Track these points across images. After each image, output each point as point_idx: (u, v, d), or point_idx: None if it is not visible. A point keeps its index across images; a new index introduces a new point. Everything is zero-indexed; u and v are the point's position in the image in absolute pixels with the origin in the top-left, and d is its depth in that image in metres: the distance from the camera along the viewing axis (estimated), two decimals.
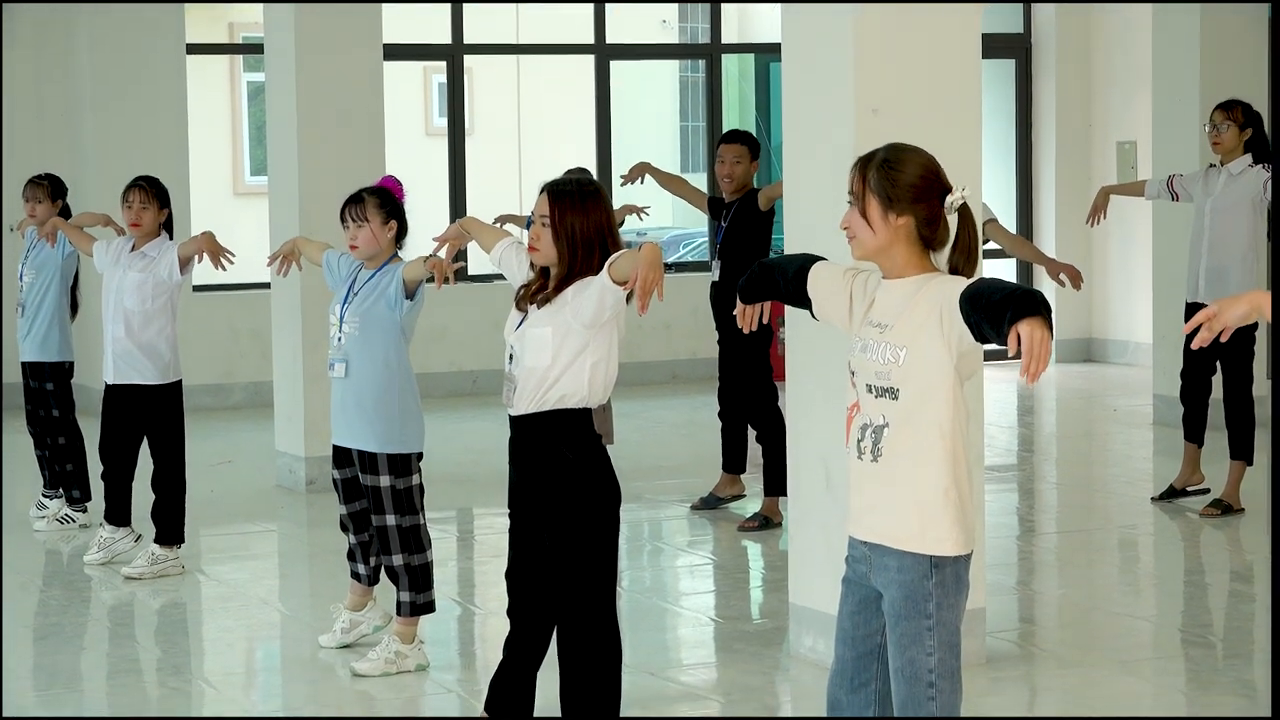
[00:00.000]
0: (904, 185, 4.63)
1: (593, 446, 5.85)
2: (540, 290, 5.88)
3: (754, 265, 5.16)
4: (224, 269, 9.17)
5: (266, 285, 12.47)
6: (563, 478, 5.82)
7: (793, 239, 7.51)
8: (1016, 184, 17.70)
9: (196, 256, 9.15)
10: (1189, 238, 10.59)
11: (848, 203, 4.70)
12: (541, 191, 5.90)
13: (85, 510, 10.50)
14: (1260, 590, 8.71)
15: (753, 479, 10.60)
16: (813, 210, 7.34)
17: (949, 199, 4.65)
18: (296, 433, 11.65)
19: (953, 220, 4.67)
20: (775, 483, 9.94)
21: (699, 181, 13.17)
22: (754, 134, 10.57)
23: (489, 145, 21.67)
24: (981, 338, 4.48)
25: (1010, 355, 4.33)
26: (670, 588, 9.29)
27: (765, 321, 5.17)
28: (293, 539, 10.58)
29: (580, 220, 5.80)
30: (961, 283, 4.55)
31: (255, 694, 7.47)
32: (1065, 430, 14.45)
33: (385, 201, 7.37)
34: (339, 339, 7.33)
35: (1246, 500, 10.33)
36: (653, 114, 22.72)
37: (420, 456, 7.36)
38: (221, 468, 12.35)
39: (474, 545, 10.16)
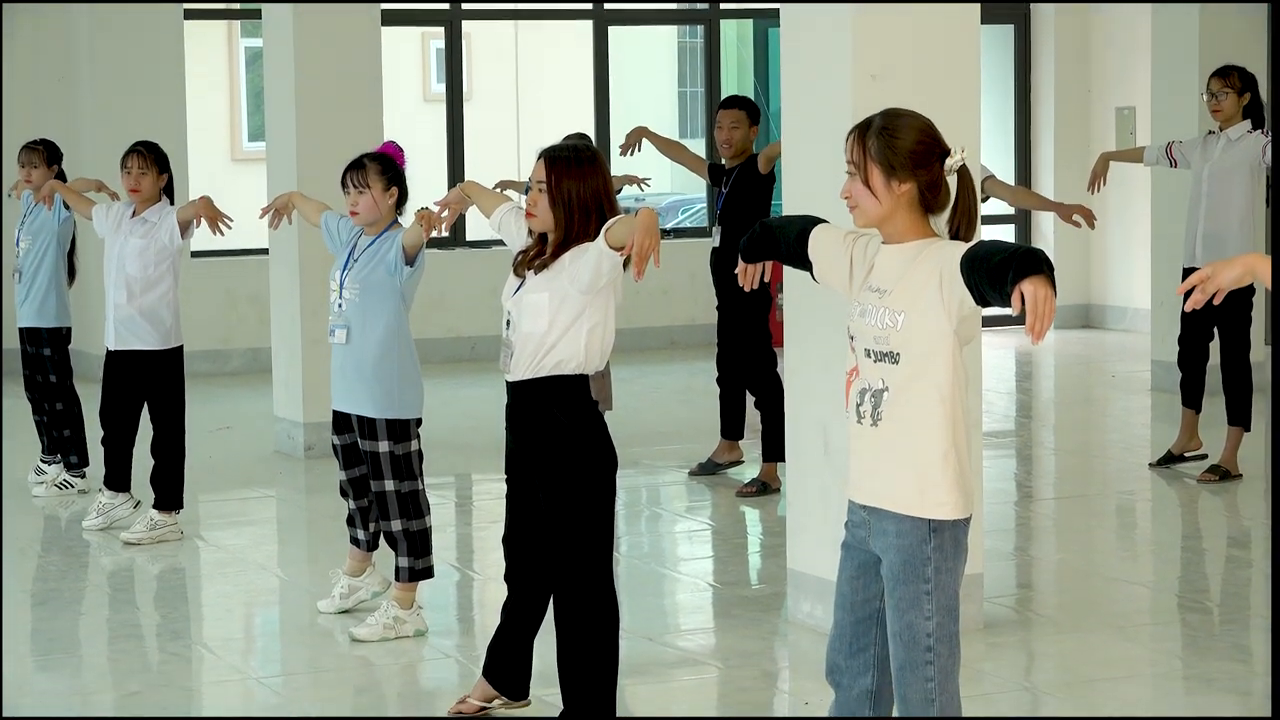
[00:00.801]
0: (904, 151, 4.61)
1: (588, 412, 5.86)
2: (538, 256, 5.88)
3: (756, 225, 5.16)
4: (221, 234, 9.16)
5: (265, 251, 12.46)
6: (558, 443, 5.83)
7: (791, 204, 7.50)
8: (1015, 150, 17.69)
9: (195, 221, 9.14)
10: (1187, 203, 10.58)
11: (848, 173, 4.68)
12: (538, 157, 5.89)
13: (84, 476, 10.51)
14: (1257, 556, 8.72)
15: (751, 445, 10.60)
16: (811, 176, 7.33)
17: (949, 161, 4.64)
18: (295, 398, 11.65)
19: (952, 182, 4.66)
20: (774, 449, 9.95)
21: (698, 148, 13.17)
22: (753, 100, 10.54)
23: (487, 111, 21.65)
24: (983, 300, 4.48)
25: (1014, 315, 4.32)
26: (668, 553, 9.30)
27: (766, 281, 5.17)
28: (291, 504, 10.59)
29: (577, 185, 5.80)
30: (961, 247, 4.54)
31: (254, 659, 7.49)
32: (1063, 396, 14.46)
33: (386, 168, 7.35)
34: (339, 305, 7.32)
35: (1244, 466, 10.34)
36: (651, 80, 22.68)
37: (419, 422, 7.36)
38: (220, 433, 12.35)
39: (472, 511, 10.17)
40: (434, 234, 6.88)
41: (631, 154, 10.76)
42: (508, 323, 5.92)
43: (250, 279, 15.09)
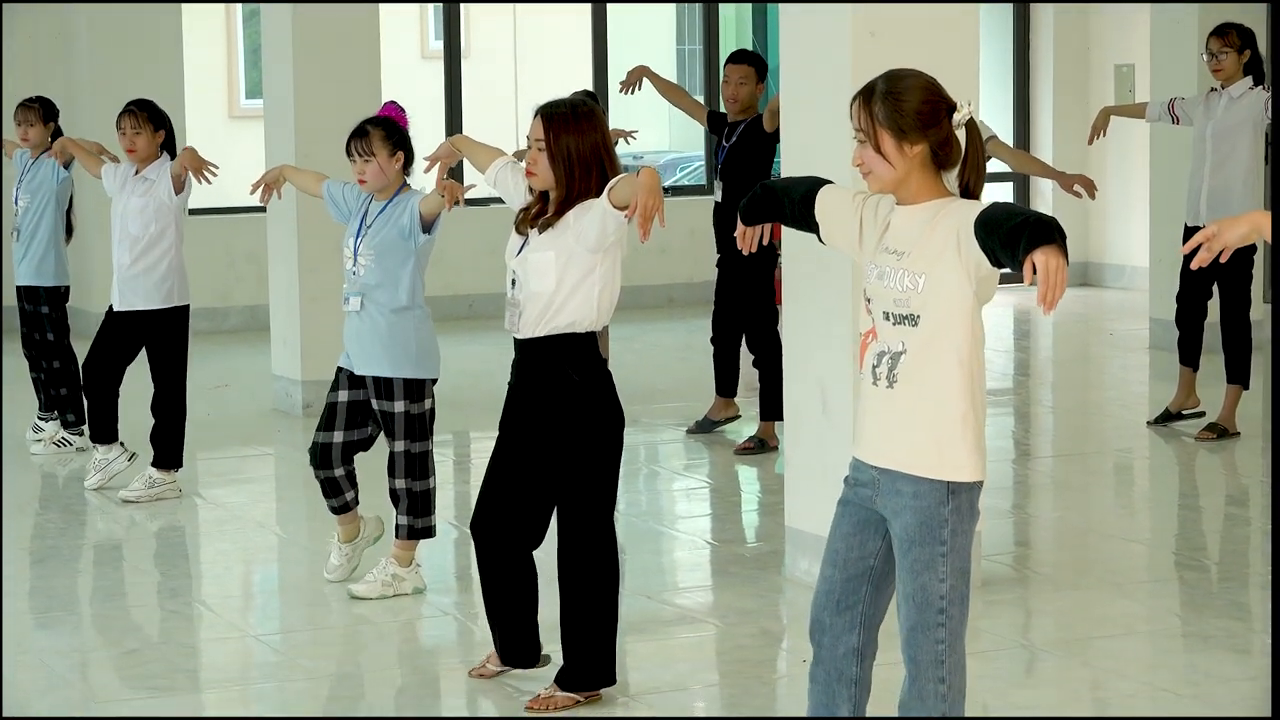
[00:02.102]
0: (911, 113, 4.56)
1: (599, 369, 5.87)
2: (540, 214, 5.87)
3: (756, 186, 5.10)
4: (208, 181, 9.13)
5: (263, 209, 12.42)
6: (568, 400, 5.83)
7: (790, 160, 7.49)
8: (1014, 107, 17.64)
9: (185, 174, 9.10)
10: (1189, 161, 10.55)
11: (857, 140, 4.63)
12: (535, 115, 5.87)
13: (82, 433, 10.50)
14: (1255, 514, 8.74)
15: (749, 403, 10.60)
16: (810, 132, 7.32)
17: (956, 116, 4.60)
18: (293, 357, 11.65)
19: (961, 136, 4.63)
20: (771, 407, 9.94)
21: None
22: (761, 55, 10.50)
23: (485, 68, 21.59)
24: (997, 263, 4.46)
25: (1026, 284, 4.31)
26: (666, 511, 9.31)
27: (766, 243, 5.13)
28: (289, 462, 10.59)
29: (575, 141, 5.79)
30: (976, 207, 4.51)
31: (253, 616, 7.49)
32: (1061, 354, 14.46)
33: (390, 132, 7.27)
34: (354, 272, 7.27)
35: (1242, 424, 10.34)
36: (649, 37, 22.62)
37: (434, 382, 7.34)
38: (218, 391, 12.35)
39: (470, 469, 10.17)
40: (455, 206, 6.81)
41: (631, 93, 10.69)
42: (513, 282, 5.91)
43: (248, 237, 15.07)
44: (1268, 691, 5.94)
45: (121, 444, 9.52)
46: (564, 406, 5.84)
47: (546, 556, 6.11)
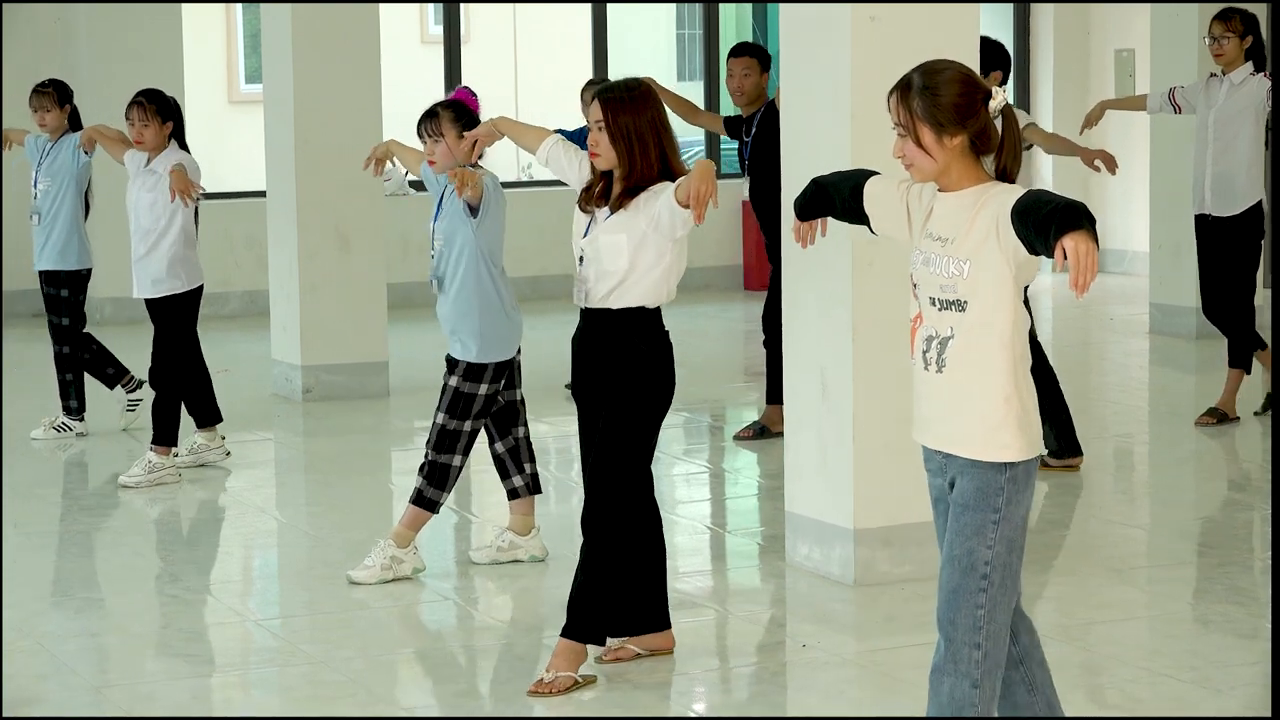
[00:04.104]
0: (949, 106, 4.66)
1: (664, 342, 6.07)
2: (605, 193, 6.05)
3: (809, 183, 5.22)
4: (186, 205, 9.17)
5: (262, 194, 12.44)
6: (633, 367, 6.01)
7: (790, 145, 7.48)
8: (1015, 91, 17.63)
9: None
10: (1191, 149, 10.53)
11: (898, 134, 4.72)
12: (593, 99, 6.08)
13: (82, 420, 10.51)
14: (1256, 499, 8.74)
15: (752, 388, 10.60)
16: (809, 117, 7.31)
17: (991, 105, 4.71)
18: (293, 342, 11.65)
19: (997, 123, 4.71)
20: (778, 390, 9.92)
21: (696, 90, 13.12)
22: (763, 46, 10.47)
23: (485, 53, 21.57)
24: (1032, 250, 4.55)
25: (1057, 269, 4.39)
26: (666, 496, 9.29)
27: (824, 235, 5.26)
28: (289, 447, 10.60)
29: (632, 119, 5.98)
30: (1014, 194, 4.61)
31: (253, 601, 7.50)
32: (1062, 339, 14.45)
33: (460, 114, 7.32)
34: (431, 254, 7.41)
35: (1242, 409, 10.34)
36: (649, 22, 22.60)
37: (502, 367, 7.34)
38: (218, 376, 12.31)
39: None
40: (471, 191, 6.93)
41: None
42: (580, 259, 6.07)
43: (247, 222, 15.08)
44: (1268, 677, 5.95)
45: (217, 430, 9.78)
46: (628, 372, 6.01)
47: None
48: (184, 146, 9.41)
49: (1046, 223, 4.41)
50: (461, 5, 16.79)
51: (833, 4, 7.13)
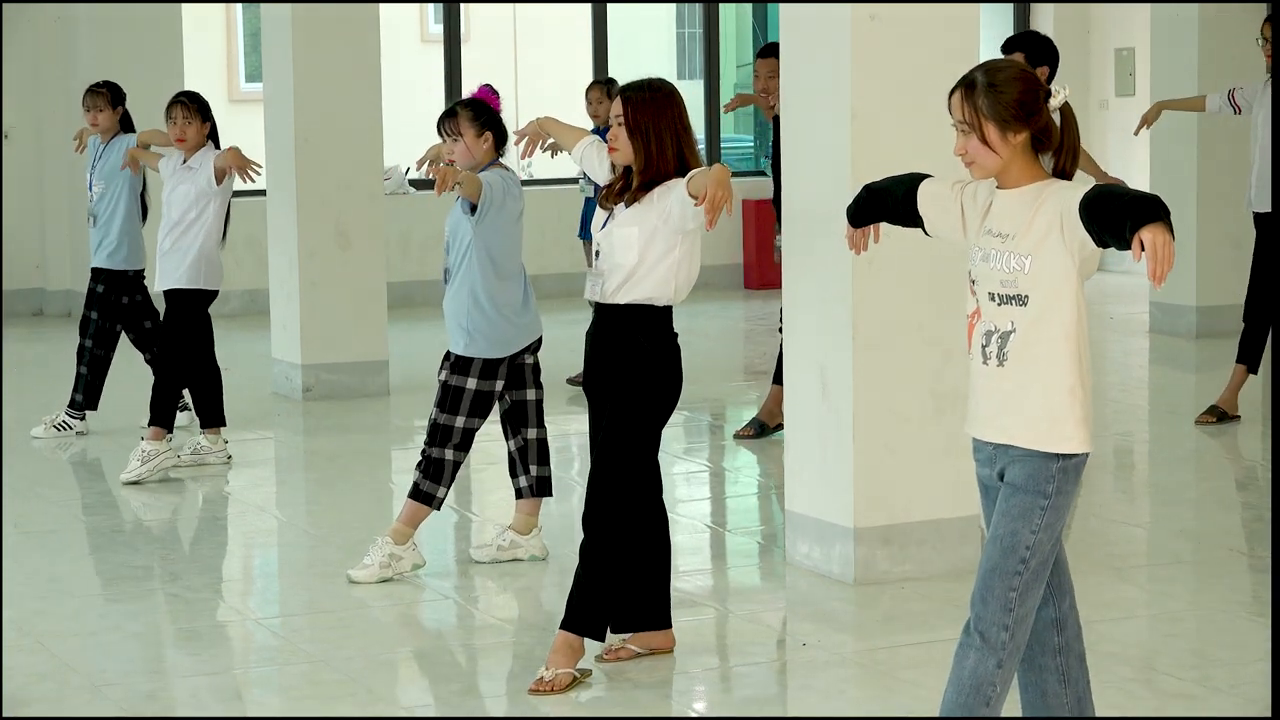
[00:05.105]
0: (1012, 104, 4.72)
1: (670, 341, 6.11)
2: (624, 191, 6.14)
3: (861, 190, 5.27)
4: (252, 181, 9.48)
5: (262, 193, 12.44)
6: (637, 363, 6.05)
7: (789, 143, 7.48)
8: None
9: (228, 170, 9.39)
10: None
11: (961, 131, 4.76)
12: (615, 95, 6.20)
13: (84, 418, 10.52)
14: (1256, 498, 8.74)
15: (756, 386, 10.59)
16: (810, 115, 7.31)
17: (1052, 102, 4.77)
18: (292, 340, 11.66)
19: (1056, 119, 4.77)
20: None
21: (695, 89, 13.10)
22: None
23: (485, 52, 21.58)
24: (1103, 243, 4.61)
25: (1135, 260, 4.45)
26: (666, 495, 9.20)
27: (876, 242, 5.30)
28: (289, 446, 10.60)
29: (651, 117, 6.07)
30: (1078, 189, 4.65)
31: (252, 600, 7.50)
32: None
33: (479, 113, 7.34)
34: (445, 248, 7.47)
35: (1243, 407, 10.34)
36: (649, 20, 22.61)
37: (492, 363, 7.34)
38: None
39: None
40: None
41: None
42: (597, 253, 6.17)
43: (247, 221, 15.05)
44: (1268, 677, 5.95)
45: (220, 433, 9.81)
46: (631, 368, 6.06)
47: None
48: (218, 148, 9.65)
49: (1122, 215, 4.47)
50: (461, 5, 16.78)
51: (833, 4, 7.14)
